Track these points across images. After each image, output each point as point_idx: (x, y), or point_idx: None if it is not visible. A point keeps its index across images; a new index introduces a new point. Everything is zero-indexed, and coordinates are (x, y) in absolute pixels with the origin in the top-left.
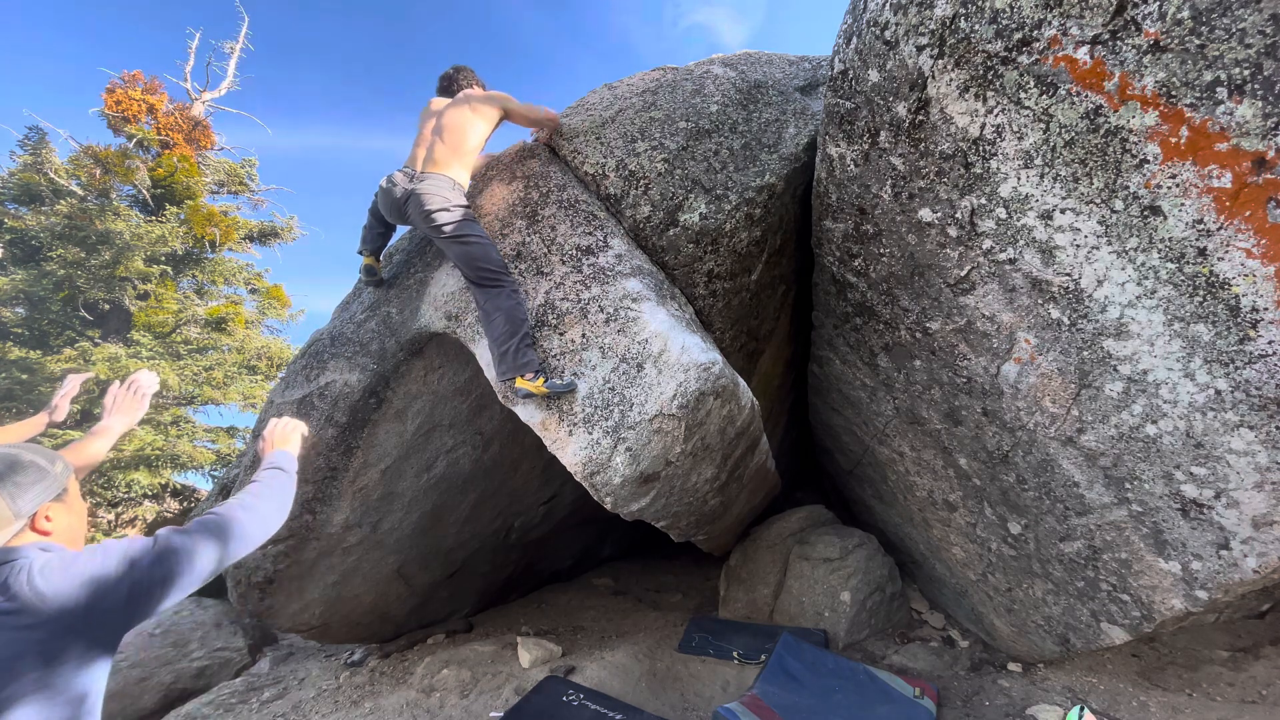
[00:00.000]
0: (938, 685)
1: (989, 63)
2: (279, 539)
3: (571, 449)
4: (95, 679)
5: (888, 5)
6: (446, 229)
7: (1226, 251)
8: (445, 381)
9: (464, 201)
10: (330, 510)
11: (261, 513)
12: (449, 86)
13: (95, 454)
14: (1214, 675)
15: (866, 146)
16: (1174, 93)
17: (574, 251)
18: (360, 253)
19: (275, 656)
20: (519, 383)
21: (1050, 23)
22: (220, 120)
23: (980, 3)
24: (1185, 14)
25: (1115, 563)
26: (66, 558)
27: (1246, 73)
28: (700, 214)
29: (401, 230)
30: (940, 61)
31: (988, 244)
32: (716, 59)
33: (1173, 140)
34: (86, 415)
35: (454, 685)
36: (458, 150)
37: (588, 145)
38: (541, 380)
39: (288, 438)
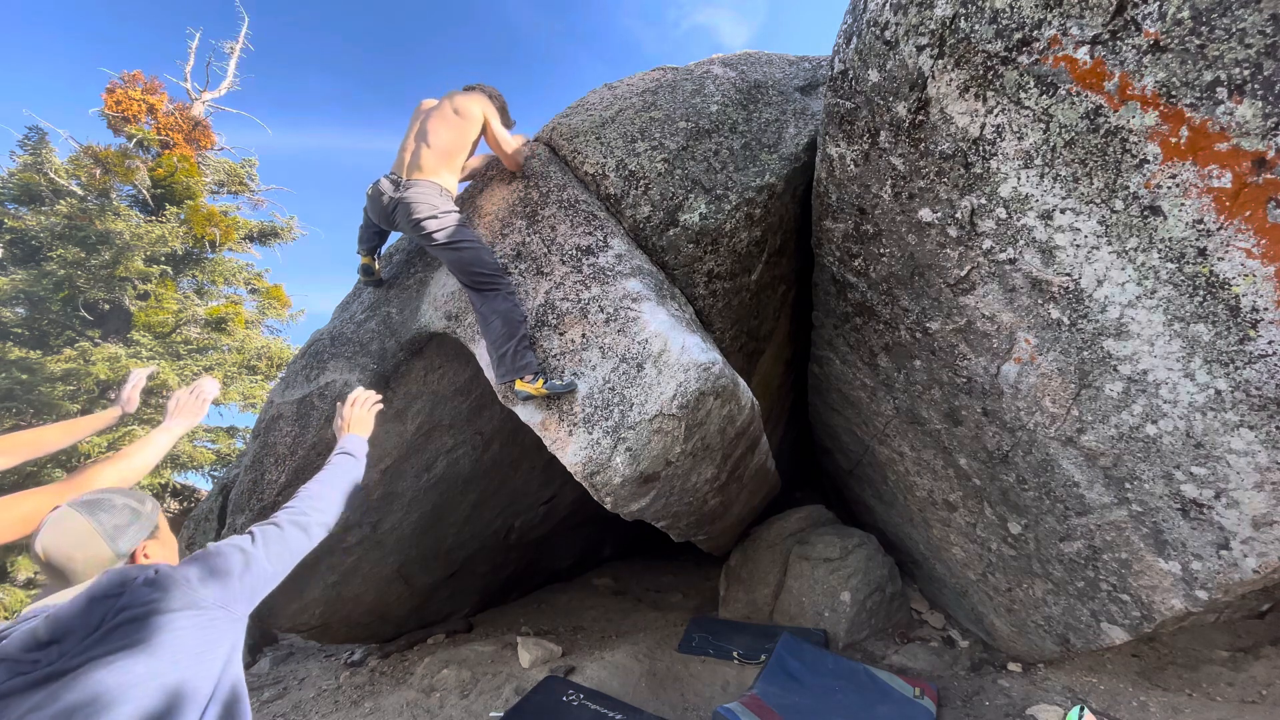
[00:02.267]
0: (938, 685)
1: (989, 63)
2: None
3: (571, 449)
4: (235, 652)
5: (888, 5)
6: (437, 236)
7: (1226, 251)
8: (445, 381)
9: (453, 207)
10: None
11: (333, 500)
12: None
13: (158, 450)
14: (1214, 675)
15: (866, 146)
16: (1174, 93)
17: (574, 251)
18: (359, 253)
19: (275, 656)
20: (519, 385)
21: (1050, 23)
22: (220, 120)
23: (980, 3)
24: (1185, 14)
25: (1115, 563)
26: (195, 554)
27: (1246, 73)
28: (700, 214)
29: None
30: (940, 61)
31: (988, 244)
32: (716, 59)
33: (1173, 140)
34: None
35: (454, 685)
36: (444, 156)
37: (588, 145)
38: (541, 382)
39: (364, 420)
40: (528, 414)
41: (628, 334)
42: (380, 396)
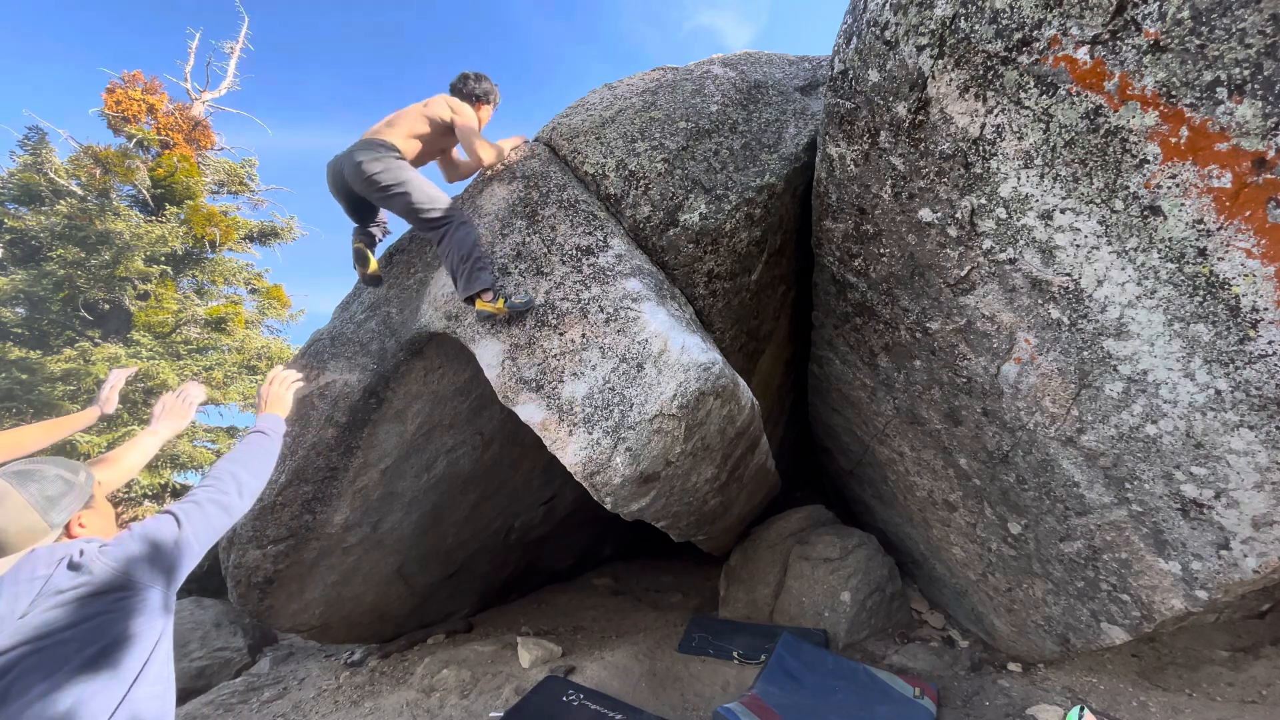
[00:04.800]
0: (938, 685)
1: (989, 63)
2: (279, 539)
3: (571, 449)
4: (167, 636)
5: (888, 5)
6: (379, 178)
7: (1226, 251)
8: (445, 381)
9: (395, 154)
10: (330, 510)
11: (248, 480)
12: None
13: (145, 453)
14: (1214, 675)
15: (866, 146)
16: (1174, 93)
17: (574, 251)
18: (354, 242)
19: (275, 656)
20: (479, 305)
21: (1050, 23)
22: (220, 120)
23: (980, 3)
24: (1185, 14)
25: (1115, 563)
26: (119, 535)
27: (1246, 73)
28: (700, 214)
29: (399, 228)
30: (940, 61)
31: (988, 244)
32: (716, 59)
33: (1173, 140)
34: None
35: (454, 685)
36: (393, 127)
37: (588, 145)
38: (502, 301)
39: (281, 399)
40: (528, 414)
41: (628, 334)
42: (300, 376)
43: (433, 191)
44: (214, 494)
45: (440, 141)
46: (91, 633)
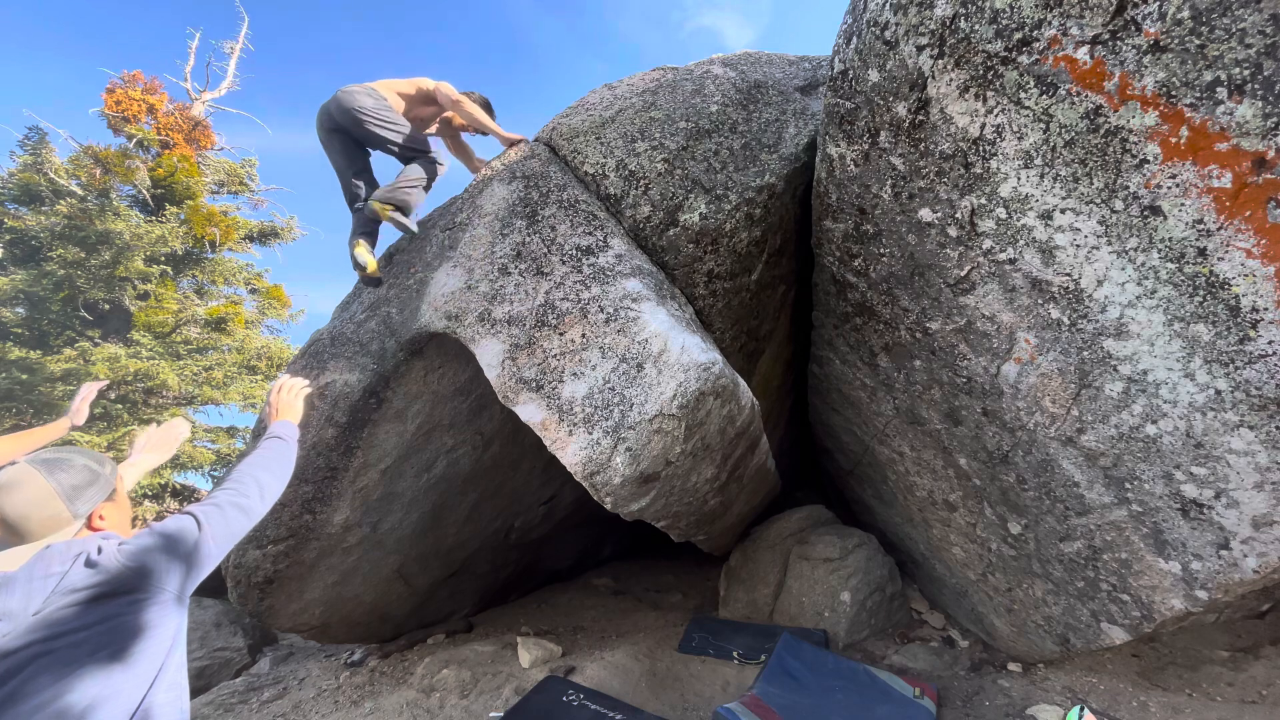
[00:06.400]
0: (938, 685)
1: (989, 63)
2: (279, 539)
3: (571, 449)
4: (181, 639)
5: (888, 5)
6: (363, 106)
7: (1226, 251)
8: (445, 381)
9: (380, 94)
10: (330, 510)
11: (269, 483)
12: None
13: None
14: (1214, 675)
15: (866, 146)
16: (1174, 93)
17: (574, 251)
18: (352, 239)
19: (275, 656)
20: (377, 205)
21: (1050, 23)
22: (220, 120)
23: (980, 3)
24: (1185, 14)
25: (1115, 563)
26: (137, 534)
27: (1246, 73)
28: (700, 214)
29: (391, 229)
30: (940, 61)
31: (988, 244)
32: (716, 59)
33: (1173, 140)
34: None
35: (454, 685)
36: (381, 83)
37: (588, 145)
38: (390, 208)
39: (292, 405)
40: (528, 413)
41: (628, 334)
42: (308, 383)
43: (410, 127)
44: (235, 496)
45: (419, 108)
46: (106, 634)
